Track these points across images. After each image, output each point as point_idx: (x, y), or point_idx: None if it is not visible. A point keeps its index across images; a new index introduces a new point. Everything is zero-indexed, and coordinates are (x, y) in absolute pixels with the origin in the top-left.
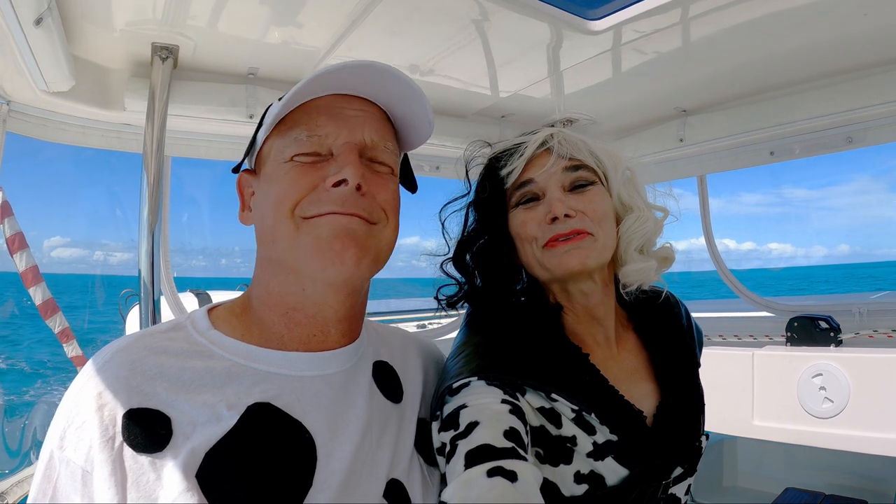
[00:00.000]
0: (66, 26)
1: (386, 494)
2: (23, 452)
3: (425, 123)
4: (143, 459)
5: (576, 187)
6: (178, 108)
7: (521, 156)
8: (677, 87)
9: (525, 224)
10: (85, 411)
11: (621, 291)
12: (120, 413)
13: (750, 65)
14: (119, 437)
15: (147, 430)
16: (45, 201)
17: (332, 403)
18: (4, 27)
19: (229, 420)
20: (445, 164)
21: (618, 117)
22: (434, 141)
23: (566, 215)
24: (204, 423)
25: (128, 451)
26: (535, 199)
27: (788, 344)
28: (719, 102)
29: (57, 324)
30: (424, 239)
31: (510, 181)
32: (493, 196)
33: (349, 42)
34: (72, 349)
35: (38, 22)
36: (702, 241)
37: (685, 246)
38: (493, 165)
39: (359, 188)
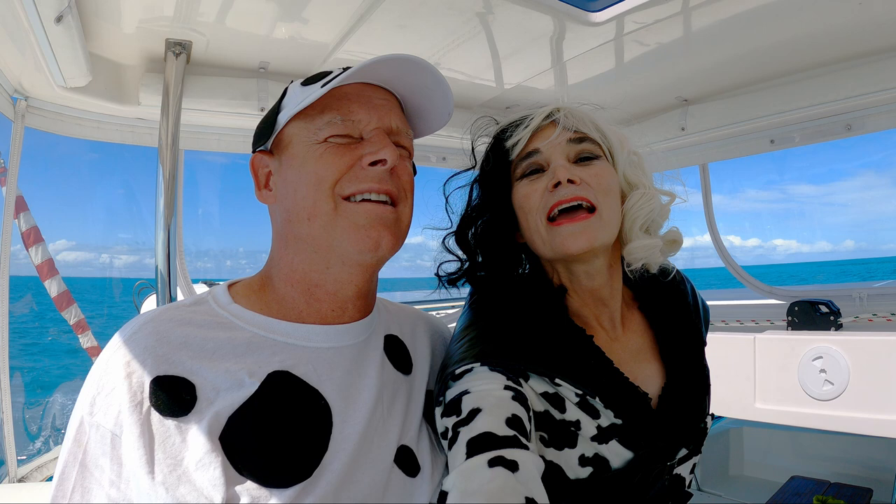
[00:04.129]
0: (83, 23)
1: (396, 460)
2: (42, 439)
3: (444, 114)
4: (170, 423)
5: (581, 159)
6: (191, 102)
7: (526, 126)
8: (678, 77)
9: (528, 196)
10: (114, 378)
11: (626, 270)
12: (147, 380)
13: (750, 54)
14: (147, 402)
15: (173, 396)
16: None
17: (347, 374)
18: (26, 24)
19: (250, 387)
20: (452, 154)
21: (620, 107)
22: (441, 132)
23: (570, 181)
24: (226, 390)
25: (155, 416)
26: (539, 170)
27: (789, 328)
28: (720, 92)
29: (72, 315)
30: (430, 239)
31: (515, 152)
32: (497, 168)
33: (357, 37)
34: (87, 340)
35: (59, 19)
36: (705, 238)
37: (690, 243)
38: (499, 138)
39: (392, 168)
